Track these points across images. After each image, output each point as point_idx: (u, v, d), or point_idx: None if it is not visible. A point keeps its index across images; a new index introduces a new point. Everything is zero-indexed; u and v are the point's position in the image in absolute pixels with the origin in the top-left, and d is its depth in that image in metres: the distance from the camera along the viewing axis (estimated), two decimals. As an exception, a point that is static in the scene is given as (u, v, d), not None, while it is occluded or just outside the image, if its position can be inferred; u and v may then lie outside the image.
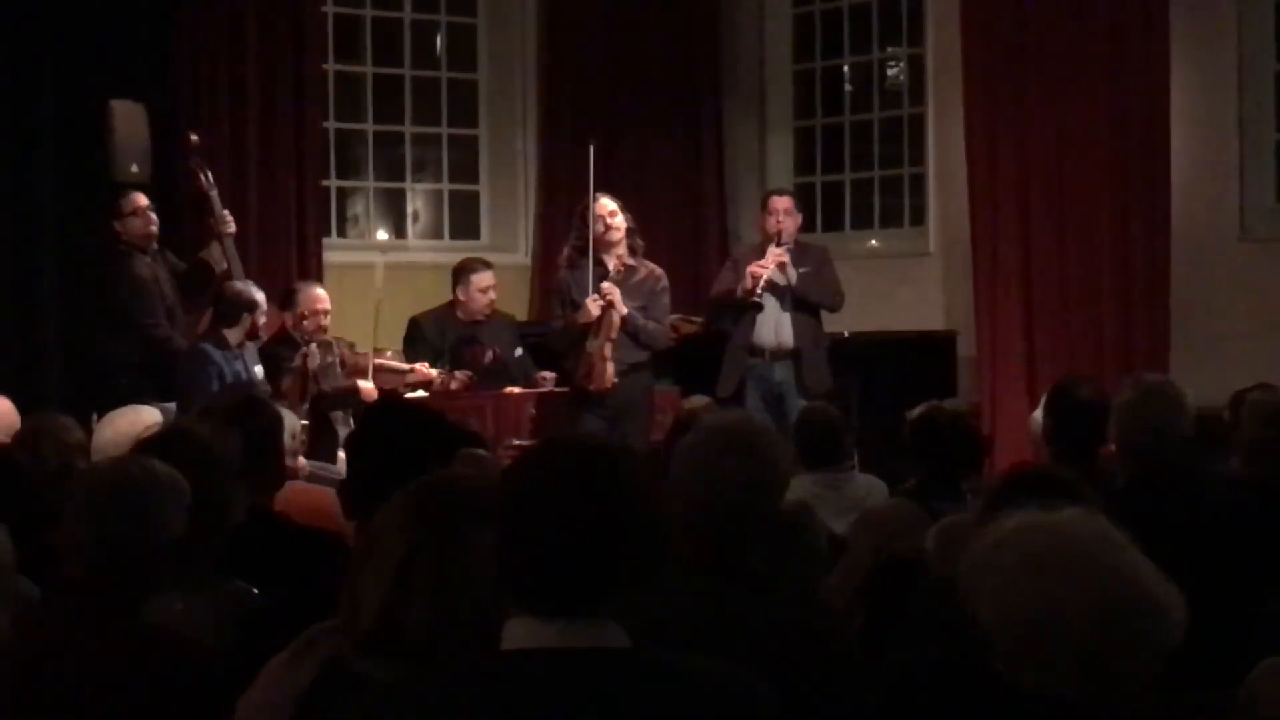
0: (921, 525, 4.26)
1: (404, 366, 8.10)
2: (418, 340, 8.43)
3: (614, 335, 7.72)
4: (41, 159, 8.94)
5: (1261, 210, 9.33)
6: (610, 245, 7.85)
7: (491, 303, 8.47)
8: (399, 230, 11.16)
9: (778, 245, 8.32)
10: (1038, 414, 5.37)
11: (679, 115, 11.08)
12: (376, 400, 7.39)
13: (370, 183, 11.09)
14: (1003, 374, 9.66)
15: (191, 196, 8.59)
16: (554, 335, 8.17)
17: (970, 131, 9.83)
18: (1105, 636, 2.20)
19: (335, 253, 10.19)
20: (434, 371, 8.08)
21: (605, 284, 7.72)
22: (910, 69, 10.97)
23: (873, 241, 11.08)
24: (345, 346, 8.12)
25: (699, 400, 7.12)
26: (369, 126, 10.97)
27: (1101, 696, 2.21)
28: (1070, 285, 9.52)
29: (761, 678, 2.18)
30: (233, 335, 7.55)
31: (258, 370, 7.59)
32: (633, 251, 7.90)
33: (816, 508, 4.21)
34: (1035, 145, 9.61)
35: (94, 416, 5.77)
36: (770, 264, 8.24)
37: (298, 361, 7.61)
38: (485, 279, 8.42)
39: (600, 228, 7.81)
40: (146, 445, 3.66)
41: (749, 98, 11.37)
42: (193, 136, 8.57)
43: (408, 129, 11.09)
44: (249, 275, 8.39)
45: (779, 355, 8.34)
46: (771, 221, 8.39)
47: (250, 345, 7.65)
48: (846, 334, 9.03)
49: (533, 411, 8.03)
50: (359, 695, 2.20)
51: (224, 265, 8.19)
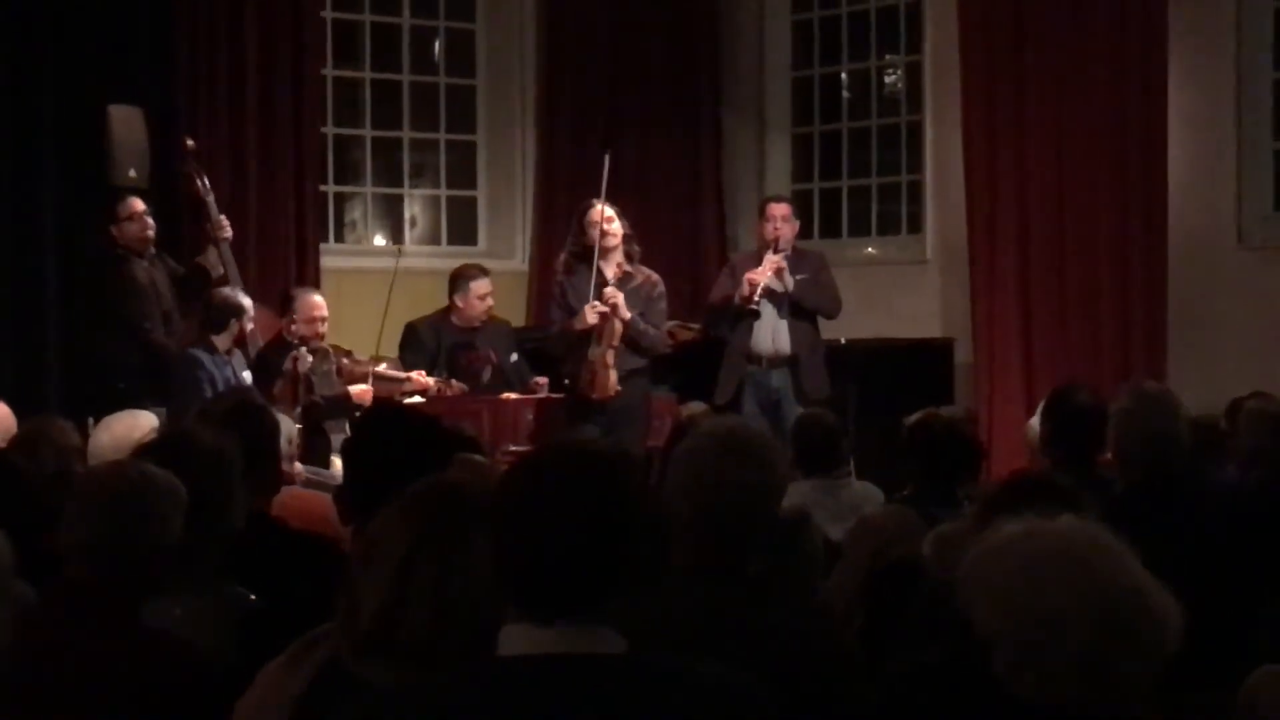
0: (918, 531, 4.26)
1: (401, 375, 8.09)
2: (413, 346, 8.43)
3: (616, 343, 7.71)
4: (41, 163, 8.94)
5: (1259, 218, 9.33)
6: (607, 251, 7.85)
7: (489, 309, 8.50)
8: (396, 235, 11.16)
9: (775, 252, 8.32)
10: (1034, 421, 5.37)
11: (677, 121, 11.08)
12: (372, 406, 7.38)
13: (368, 188, 11.09)
14: (1000, 381, 9.65)
15: (188, 201, 8.59)
16: (550, 340, 8.18)
17: (968, 139, 9.83)
18: (1102, 643, 2.20)
19: (333, 258, 10.19)
20: (431, 380, 8.08)
21: (609, 289, 7.71)
22: (908, 76, 10.97)
23: (870, 248, 11.09)
24: (343, 355, 8.11)
25: (697, 406, 7.14)
26: (367, 132, 10.97)
27: (1098, 703, 2.21)
28: (1068, 292, 9.51)
29: (759, 682, 2.18)
30: (221, 341, 7.56)
31: (246, 375, 7.60)
32: (629, 258, 7.89)
33: (813, 513, 4.22)
34: (1033, 152, 9.61)
35: (90, 420, 5.78)
36: (768, 271, 8.25)
37: (288, 365, 7.61)
38: (483, 286, 8.44)
39: (597, 234, 7.82)
40: (147, 450, 3.66)
41: (747, 104, 11.38)
42: (189, 142, 8.57)
43: (406, 134, 11.09)
44: (246, 280, 8.41)
45: (776, 362, 8.34)
46: (769, 228, 8.40)
47: (238, 351, 7.66)
48: (843, 340, 9.03)
49: (529, 417, 8.03)
50: (357, 699, 2.20)
51: (220, 270, 8.19)
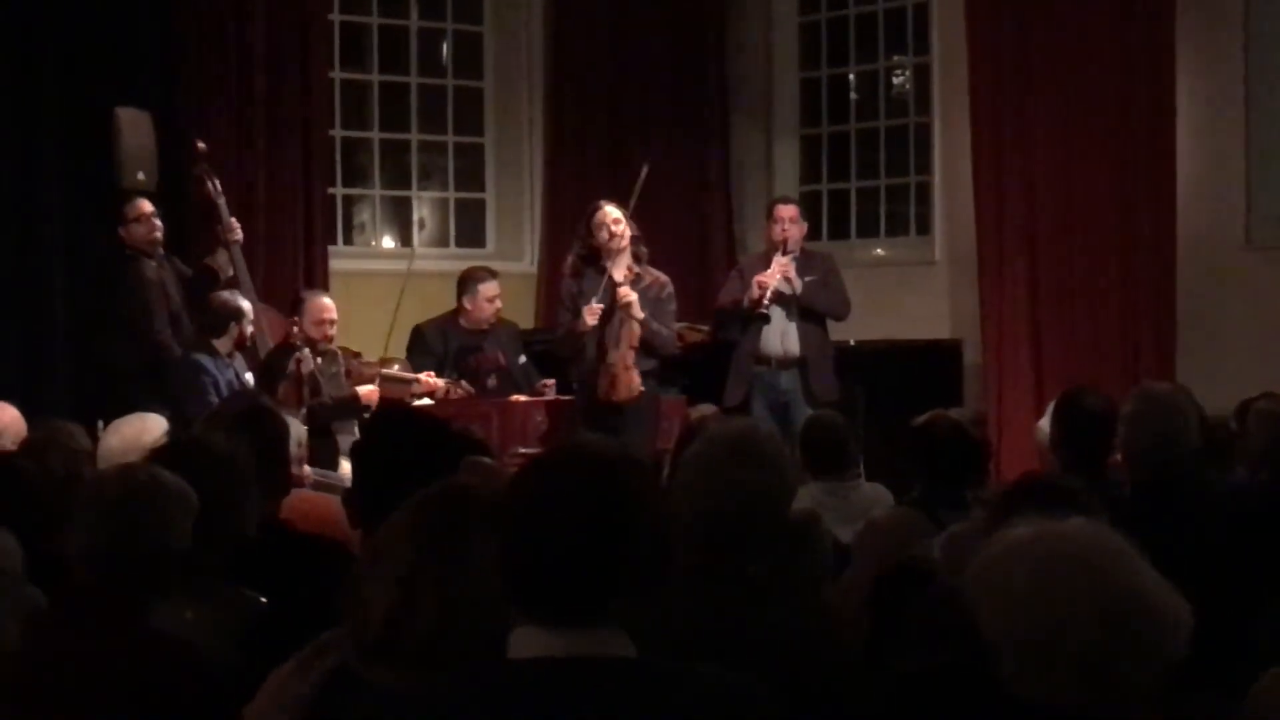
0: (927, 534, 4.26)
1: (410, 376, 8.08)
2: (420, 348, 8.42)
3: (636, 344, 7.72)
4: (49, 166, 8.95)
5: (1268, 219, 9.31)
6: (615, 253, 7.84)
7: (497, 312, 8.49)
8: (405, 238, 11.16)
9: (783, 254, 8.31)
10: (1044, 423, 5.36)
11: (685, 123, 11.07)
12: (381, 409, 7.37)
13: (376, 190, 11.09)
14: (1009, 382, 9.65)
15: (200, 204, 8.59)
16: (557, 343, 8.19)
17: (976, 140, 9.82)
18: (1111, 646, 2.20)
19: (341, 260, 10.20)
20: (440, 381, 8.07)
21: (622, 289, 7.71)
22: (916, 78, 10.97)
23: (878, 250, 11.09)
24: (351, 357, 8.11)
25: (706, 408, 7.13)
26: (375, 134, 10.97)
27: (1107, 706, 2.21)
28: (1076, 293, 9.51)
29: (767, 685, 2.18)
30: (221, 345, 7.56)
31: (249, 378, 7.60)
32: (637, 259, 7.89)
33: (822, 516, 4.21)
34: (1041, 153, 9.60)
35: (100, 424, 5.78)
36: (776, 274, 8.24)
37: (291, 367, 7.60)
38: (492, 289, 8.43)
39: (604, 236, 7.81)
40: (160, 454, 3.66)
41: (755, 106, 11.37)
42: (200, 144, 8.57)
43: (414, 137, 11.09)
44: (255, 283, 8.40)
45: (785, 364, 8.33)
46: (777, 230, 8.38)
47: (239, 354, 7.66)
48: (852, 342, 9.03)
49: (538, 419, 8.03)
50: (365, 703, 2.21)
51: (230, 272, 8.19)
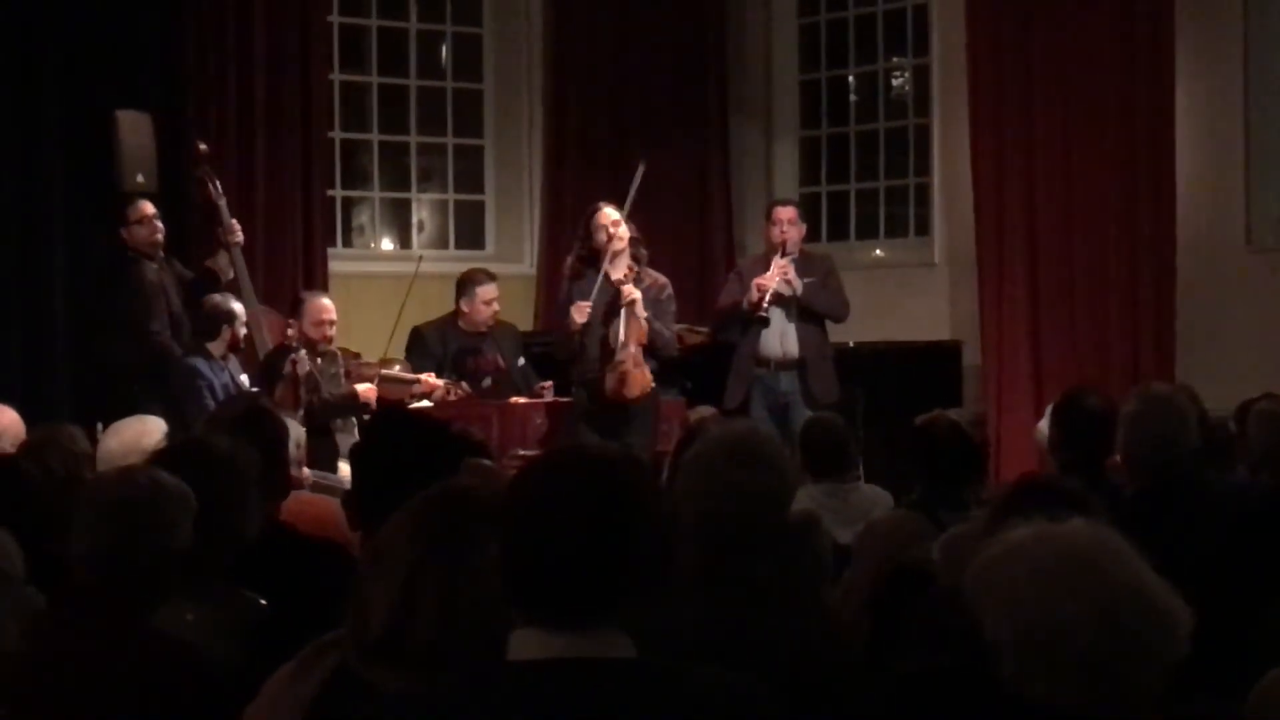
0: (927, 535, 4.26)
1: (410, 377, 8.08)
2: (419, 350, 8.42)
3: (644, 340, 7.72)
4: (50, 168, 8.96)
5: (1268, 220, 9.31)
6: (614, 255, 7.85)
7: (495, 314, 8.47)
8: (404, 240, 11.16)
9: (782, 255, 8.30)
10: (1043, 424, 5.36)
11: (684, 125, 11.08)
12: (381, 411, 7.37)
13: (375, 193, 11.10)
14: (1009, 384, 9.65)
15: (201, 206, 8.59)
16: (556, 344, 8.20)
17: (976, 141, 9.83)
18: (1111, 648, 2.20)
19: (340, 263, 10.20)
20: (440, 382, 8.07)
21: (627, 287, 7.71)
22: (915, 79, 10.97)
23: (878, 251, 11.09)
24: (351, 358, 8.11)
25: (705, 410, 7.13)
26: (374, 136, 10.98)
27: (1107, 707, 2.21)
28: (1076, 295, 9.51)
29: (767, 687, 2.18)
30: (215, 347, 7.58)
31: (244, 379, 7.60)
32: (636, 261, 7.89)
33: (822, 518, 4.21)
34: (1041, 154, 9.61)
35: (99, 426, 5.78)
36: (775, 276, 8.23)
37: (287, 368, 7.59)
38: (490, 291, 8.41)
39: (603, 238, 7.82)
40: (163, 456, 3.66)
41: (755, 107, 11.38)
42: (201, 145, 8.57)
43: (413, 139, 11.09)
44: (254, 285, 8.40)
45: (785, 365, 8.33)
46: (775, 231, 8.38)
47: (233, 356, 7.67)
48: (852, 344, 9.03)
49: (538, 421, 8.03)
50: (366, 705, 2.21)
51: (230, 274, 8.19)
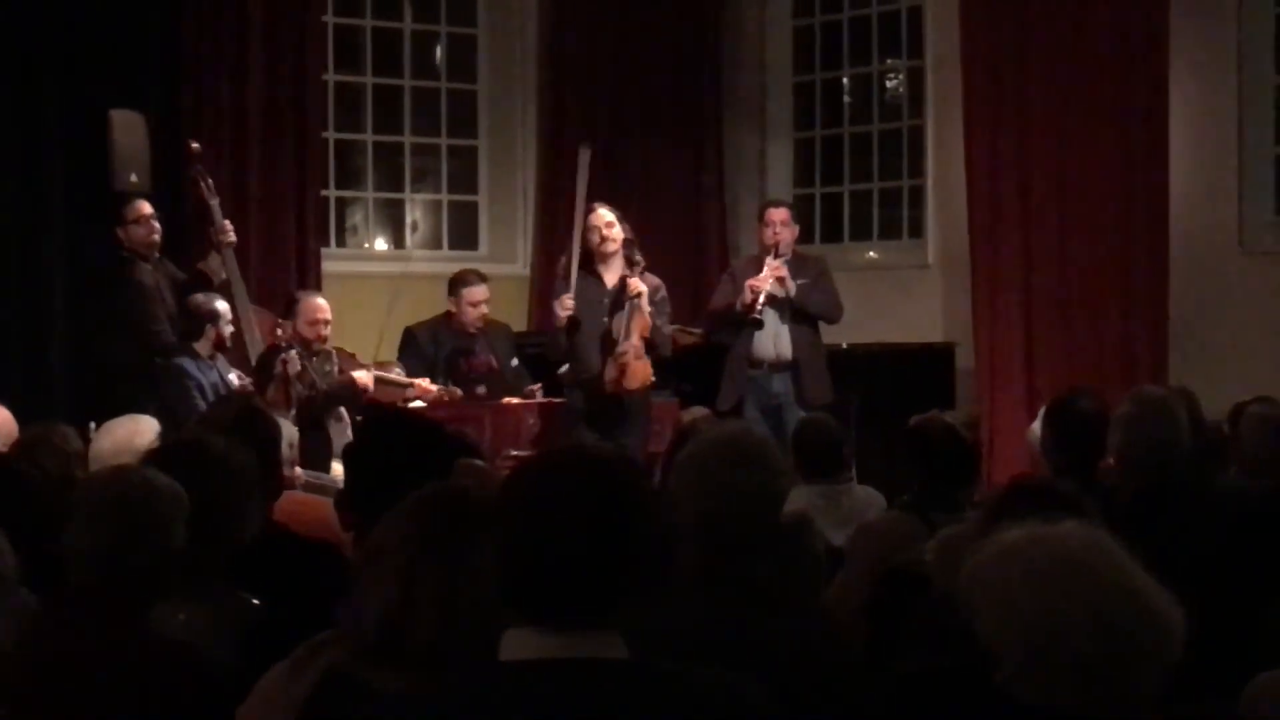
0: (921, 537, 4.25)
1: (404, 380, 8.06)
2: (411, 350, 8.40)
3: (647, 333, 7.71)
4: (46, 168, 8.94)
5: (1261, 223, 9.32)
6: (607, 256, 7.85)
7: (483, 316, 8.36)
8: (398, 240, 11.16)
9: (775, 257, 8.30)
10: (1036, 426, 5.36)
11: (679, 126, 11.08)
12: (374, 411, 7.35)
13: (369, 193, 11.09)
14: (1002, 386, 9.65)
15: (193, 206, 8.58)
16: (547, 345, 8.20)
17: (969, 143, 9.83)
18: (1105, 649, 2.20)
19: (334, 263, 10.19)
20: (434, 387, 8.06)
21: (632, 280, 7.70)
22: (910, 81, 10.97)
23: (871, 253, 11.09)
24: (345, 358, 8.10)
25: (698, 411, 7.12)
26: (368, 137, 10.97)
27: (1104, 709, 2.21)
28: (1070, 297, 9.51)
29: (762, 687, 2.18)
30: (201, 347, 7.56)
31: (233, 378, 7.59)
32: (630, 262, 7.88)
33: (815, 519, 4.21)
34: (1035, 157, 9.61)
35: (92, 425, 5.76)
36: (768, 278, 8.22)
37: (278, 368, 7.56)
38: (477, 293, 8.32)
39: (596, 239, 7.81)
40: (158, 456, 3.66)
41: (749, 109, 11.38)
42: (194, 144, 8.55)
43: (407, 139, 11.09)
44: (247, 285, 8.38)
45: (778, 367, 8.33)
46: (768, 233, 8.38)
47: (220, 355, 7.66)
48: (845, 345, 9.03)
49: (530, 422, 8.02)
50: (360, 705, 2.21)
51: (223, 276, 8.15)
